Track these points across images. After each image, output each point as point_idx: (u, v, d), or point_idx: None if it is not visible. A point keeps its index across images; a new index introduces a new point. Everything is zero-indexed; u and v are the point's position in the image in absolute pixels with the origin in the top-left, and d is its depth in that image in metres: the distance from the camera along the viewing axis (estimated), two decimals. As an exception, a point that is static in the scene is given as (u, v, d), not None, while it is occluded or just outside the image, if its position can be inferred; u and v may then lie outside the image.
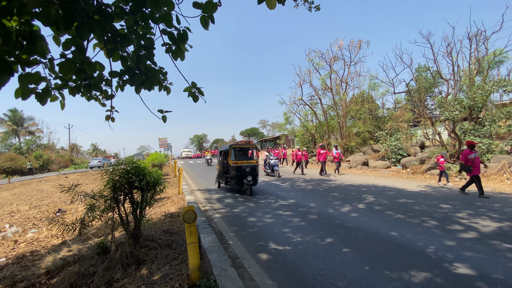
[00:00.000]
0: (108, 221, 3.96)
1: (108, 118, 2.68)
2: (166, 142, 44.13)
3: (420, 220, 5.18)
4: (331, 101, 23.49)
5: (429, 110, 21.53)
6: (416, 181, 10.62)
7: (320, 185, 10.27)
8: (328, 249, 3.93)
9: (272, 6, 2.28)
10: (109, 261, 3.68)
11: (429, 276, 3.02)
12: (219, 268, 2.77)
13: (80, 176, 21.41)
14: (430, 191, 8.29)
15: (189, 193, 8.74)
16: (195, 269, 2.85)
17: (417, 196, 7.55)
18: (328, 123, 23.75)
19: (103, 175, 4.06)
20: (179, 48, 2.52)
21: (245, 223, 5.48)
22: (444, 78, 15.59)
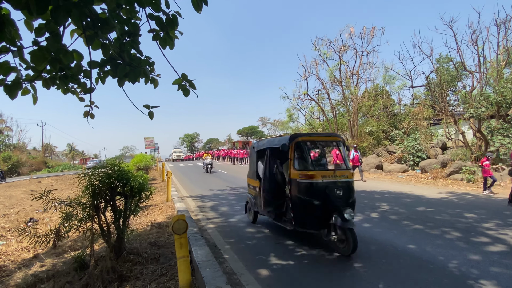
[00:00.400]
0: (87, 232, 3.94)
1: (87, 114, 2.67)
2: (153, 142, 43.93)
3: (442, 231, 5.18)
4: (341, 96, 23.56)
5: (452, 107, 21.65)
6: (436, 187, 10.65)
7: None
8: (337, 264, 3.93)
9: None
10: (87, 277, 3.66)
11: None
12: (213, 286, 2.77)
13: (54, 181, 21.37)
14: (453, 198, 8.31)
15: (179, 200, 8.73)
16: (186, 287, 2.84)
17: (438, 204, 7.56)
18: (337, 120, 23.80)
19: (81, 180, 4.05)
20: (168, 35, 2.51)
21: (242, 235, 5.48)
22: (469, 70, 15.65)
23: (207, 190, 11.85)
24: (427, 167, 13.79)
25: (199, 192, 11.50)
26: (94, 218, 3.98)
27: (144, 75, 2.52)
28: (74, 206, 3.91)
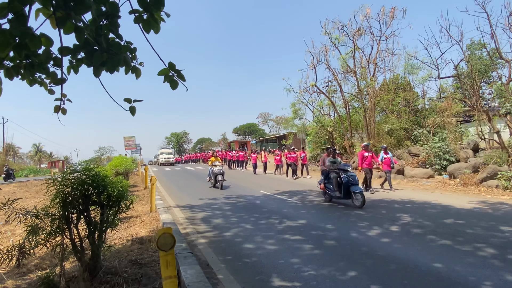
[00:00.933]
0: (56, 248, 3.94)
1: (58, 109, 2.68)
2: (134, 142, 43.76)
3: (473, 248, 5.20)
4: (355, 88, 23.56)
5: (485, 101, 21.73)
6: (467, 196, 10.67)
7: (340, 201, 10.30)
8: (352, 285, 3.93)
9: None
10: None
11: (485, 322, 3.04)
12: (205, 311, 2.78)
13: (18, 188, 21.34)
14: (487, 209, 8.33)
15: (165, 211, 8.74)
16: (173, 313, 2.85)
17: (469, 216, 7.59)
18: (350, 117, 23.83)
19: (49, 186, 4.05)
20: (153, 17, 2.52)
21: (239, 251, 5.49)
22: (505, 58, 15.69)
23: (198, 198, 11.86)
24: (456, 172, 13.83)
25: (188, 201, 11.51)
26: (65, 231, 3.98)
27: (125, 64, 2.53)
28: (42, 218, 3.91)
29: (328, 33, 23.34)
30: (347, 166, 9.98)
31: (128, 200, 4.64)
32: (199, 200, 11.59)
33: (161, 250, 2.89)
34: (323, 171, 10.47)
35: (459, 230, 6.28)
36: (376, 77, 23.07)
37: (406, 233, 6.22)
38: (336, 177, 9.63)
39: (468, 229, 6.33)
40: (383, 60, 23.40)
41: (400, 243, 5.58)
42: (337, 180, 9.62)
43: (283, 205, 9.98)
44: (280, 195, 11.97)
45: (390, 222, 7.13)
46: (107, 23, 2.48)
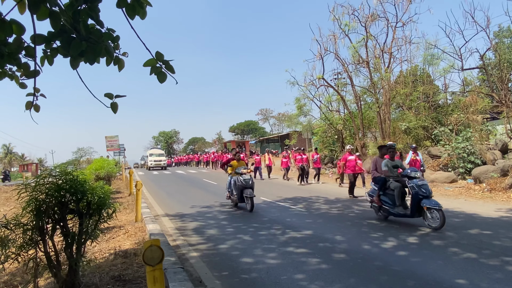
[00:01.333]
0: (29, 263, 3.94)
1: (30, 106, 2.68)
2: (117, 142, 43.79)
3: (502, 262, 5.20)
4: (368, 81, 23.61)
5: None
6: (495, 202, 10.69)
7: (350, 208, 10.32)
8: (363, 305, 3.94)
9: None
10: (29, 323, 3.67)
11: None
12: (197, 334, 2.78)
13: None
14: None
15: (152, 220, 8.75)
16: (162, 336, 2.85)
17: (496, 225, 7.61)
18: (362, 114, 23.83)
19: (21, 193, 4.05)
20: (138, 0, 2.53)
21: (237, 266, 5.49)
22: (537, 47, 15.72)
23: (189, 206, 11.86)
24: (483, 176, 13.85)
25: (179, 209, 11.50)
26: (38, 243, 3.99)
27: (106, 54, 2.54)
28: (12, 228, 3.91)
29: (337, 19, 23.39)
30: (414, 172, 8.12)
31: (111, 208, 4.64)
32: (190, 208, 11.58)
33: (148, 265, 2.89)
34: (376, 179, 8.92)
35: (485, 242, 6.28)
36: (392, 69, 23.12)
37: (426, 246, 6.22)
38: (399, 187, 8.00)
39: (496, 241, 6.33)
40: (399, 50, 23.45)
41: (419, 257, 5.58)
42: (401, 191, 8.03)
43: (286, 213, 9.97)
44: (282, 202, 11.97)
45: (408, 233, 7.13)
46: (85, 8, 2.48)
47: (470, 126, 18.11)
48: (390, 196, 8.25)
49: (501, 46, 17.70)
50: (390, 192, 8.22)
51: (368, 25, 22.60)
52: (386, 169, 8.38)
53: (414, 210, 7.54)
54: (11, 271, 5.72)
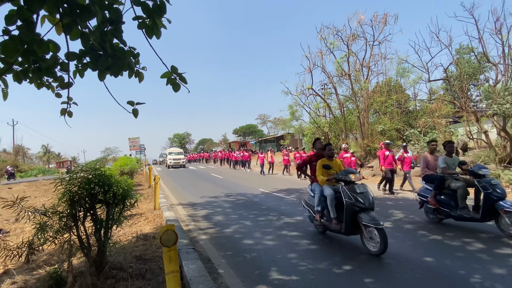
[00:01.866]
0: (64, 245, 3.93)
1: (64, 112, 2.68)
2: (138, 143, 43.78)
3: (462, 242, 5.21)
4: (349, 90, 23.59)
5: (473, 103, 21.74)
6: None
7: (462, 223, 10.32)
8: (346, 279, 3.94)
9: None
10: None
11: (474, 313, 3.04)
12: (206, 304, 2.78)
13: (27, 187, 21.31)
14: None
15: (168, 208, 8.74)
16: (176, 306, 2.84)
17: (458, 212, 7.58)
18: (345, 118, 23.85)
19: (57, 186, 4.04)
20: (155, 22, 2.52)
21: (239, 247, 5.49)
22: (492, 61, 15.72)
23: (199, 197, 11.85)
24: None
25: (191, 199, 11.50)
26: (72, 228, 3.98)
27: (128, 68, 2.53)
28: (50, 216, 3.90)
29: (324, 38, 23.38)
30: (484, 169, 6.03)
31: (133, 198, 4.63)
32: (200, 198, 11.58)
33: (164, 246, 2.89)
34: (430, 177, 7.02)
35: (449, 226, 6.29)
36: (370, 80, 23.11)
37: (399, 229, 6.23)
38: (464, 187, 6.12)
39: (457, 225, 6.33)
40: (376, 64, 23.46)
41: (393, 239, 5.56)
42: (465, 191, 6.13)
43: (281, 202, 9.97)
44: (278, 193, 11.97)
45: (383, 219, 7.10)
46: (111, 29, 2.48)
47: (436, 129, 18.11)
48: (449, 196, 6.41)
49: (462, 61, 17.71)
50: (449, 192, 6.46)
51: (349, 44, 22.60)
52: (446, 166, 6.66)
53: (486, 214, 5.64)
54: (49, 251, 5.71)
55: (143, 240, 5.89)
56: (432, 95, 22.57)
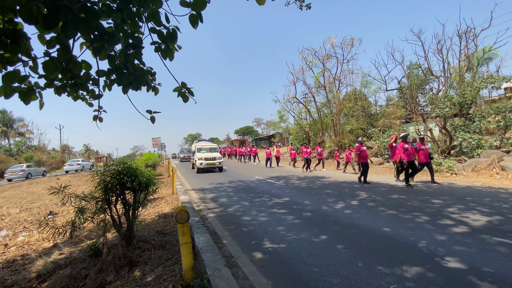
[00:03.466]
0: (100, 223, 3.89)
1: (96, 118, 2.63)
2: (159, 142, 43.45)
3: (412, 216, 5.23)
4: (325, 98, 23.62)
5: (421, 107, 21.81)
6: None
7: (314, 183, 10.32)
8: (322, 246, 3.94)
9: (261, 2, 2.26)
10: (101, 263, 3.62)
11: (421, 271, 3.05)
12: (212, 268, 2.76)
13: (72, 178, 21.09)
14: (422, 187, 8.39)
15: (183, 193, 8.68)
16: (189, 270, 2.82)
17: (409, 192, 7.64)
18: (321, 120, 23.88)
19: (94, 177, 3.99)
20: (168, 47, 2.48)
21: (239, 222, 5.47)
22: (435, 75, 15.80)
23: (208, 184, 11.81)
24: (400, 160, 13.88)
25: (201, 185, 11.44)
26: (106, 210, 3.94)
27: (146, 84, 2.49)
28: (88, 200, 3.86)
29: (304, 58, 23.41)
30: None
31: (155, 186, 4.59)
32: (209, 184, 11.53)
33: (179, 223, 2.86)
34: None
35: (402, 203, 6.32)
36: (340, 90, 23.16)
37: (363, 206, 6.24)
38: None
39: (408, 202, 6.37)
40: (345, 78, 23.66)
41: (359, 214, 5.60)
42: None
43: (272, 187, 9.96)
44: (270, 180, 11.95)
45: (351, 198, 7.15)
46: (133, 52, 2.43)
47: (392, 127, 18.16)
48: None
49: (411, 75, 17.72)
50: None
51: (325, 62, 22.59)
52: None
53: None
54: (89, 229, 5.67)
55: (163, 218, 5.85)
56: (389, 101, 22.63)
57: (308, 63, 23.34)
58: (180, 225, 2.86)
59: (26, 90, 2.05)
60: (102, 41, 2.21)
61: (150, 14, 2.36)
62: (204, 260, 2.96)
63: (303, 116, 27.34)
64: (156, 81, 2.62)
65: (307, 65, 23.52)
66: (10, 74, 1.93)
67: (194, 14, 2.27)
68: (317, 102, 24.16)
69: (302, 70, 24.17)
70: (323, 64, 22.59)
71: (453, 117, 14.15)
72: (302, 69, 24.16)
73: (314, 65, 23.39)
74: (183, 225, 2.86)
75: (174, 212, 6.40)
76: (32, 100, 2.13)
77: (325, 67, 22.69)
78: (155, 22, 2.40)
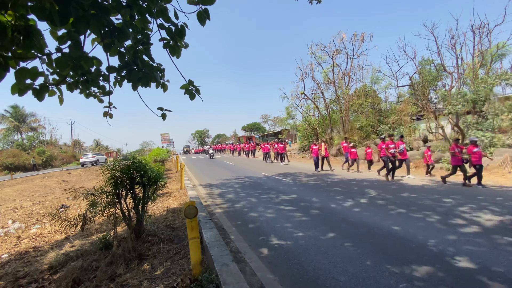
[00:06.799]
0: (110, 217, 3.98)
1: (106, 114, 2.66)
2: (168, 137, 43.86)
3: (423, 215, 5.15)
4: (334, 95, 23.32)
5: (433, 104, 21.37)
6: (419, 175, 10.55)
7: (323, 180, 10.26)
8: (330, 243, 3.92)
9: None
10: (111, 256, 3.71)
11: (431, 270, 3.01)
12: (220, 263, 2.78)
13: (83, 172, 21.56)
14: (433, 186, 8.24)
15: (191, 188, 8.77)
16: (197, 264, 2.86)
17: (420, 191, 7.51)
18: (330, 117, 23.62)
19: (104, 171, 4.07)
20: (177, 43, 2.49)
21: (246, 218, 5.50)
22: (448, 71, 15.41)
23: (215, 179, 11.88)
24: (411, 157, 13.63)
25: (208, 181, 11.53)
26: (116, 204, 4.01)
27: (155, 81, 2.51)
28: (99, 195, 3.94)
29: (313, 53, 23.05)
30: None
31: (164, 181, 4.65)
32: (216, 180, 11.61)
33: (187, 218, 2.89)
34: None
35: (412, 202, 6.22)
36: (350, 86, 22.83)
37: (372, 204, 6.17)
38: None
39: (419, 201, 6.27)
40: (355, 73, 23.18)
41: (368, 212, 5.55)
42: None
43: (279, 183, 9.95)
44: (277, 176, 11.93)
45: (360, 196, 7.08)
46: (142, 48, 2.45)
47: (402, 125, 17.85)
48: None
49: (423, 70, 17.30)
50: None
51: (334, 57, 22.27)
52: None
53: None
54: (99, 222, 5.79)
55: (172, 213, 5.93)
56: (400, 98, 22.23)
57: (317, 58, 23.04)
58: (189, 220, 2.89)
59: (39, 86, 2.09)
60: (112, 37, 2.22)
61: (159, 10, 2.37)
62: (212, 255, 3.00)
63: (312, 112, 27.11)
64: (164, 78, 2.64)
65: (316, 61, 23.22)
66: (23, 70, 1.96)
67: (202, 11, 2.27)
68: (326, 99, 23.89)
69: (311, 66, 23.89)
70: (333, 60, 22.29)
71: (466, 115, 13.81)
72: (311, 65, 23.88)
73: (323, 60, 23.08)
74: (191, 220, 2.89)
75: (182, 207, 6.48)
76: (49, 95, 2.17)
77: (335, 63, 22.39)
78: (164, 19, 2.40)
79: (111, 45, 2.22)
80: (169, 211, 6.10)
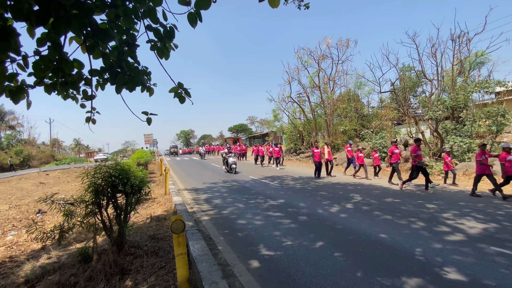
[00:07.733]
0: (90, 228, 3.70)
1: (89, 120, 2.44)
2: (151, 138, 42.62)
3: (408, 221, 5.19)
4: (319, 99, 23.58)
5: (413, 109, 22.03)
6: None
7: (308, 184, 10.25)
8: (320, 253, 3.84)
9: (275, 4, 2.11)
10: (91, 271, 3.43)
11: (421, 283, 2.98)
12: (209, 281, 2.61)
13: (61, 173, 20.53)
14: (415, 190, 8.41)
15: (176, 194, 8.47)
16: (184, 282, 2.68)
17: (403, 195, 7.63)
18: (315, 120, 23.83)
19: (83, 179, 3.78)
20: (165, 46, 2.32)
21: (234, 226, 5.33)
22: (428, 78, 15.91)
23: (202, 183, 11.59)
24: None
25: (194, 185, 11.23)
26: (96, 214, 3.74)
27: (141, 84, 2.32)
28: (77, 205, 3.66)
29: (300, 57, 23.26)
30: None
31: (148, 188, 4.41)
32: (202, 184, 11.33)
33: (174, 233, 2.70)
34: None
35: (397, 207, 6.28)
36: (334, 91, 23.18)
37: (358, 210, 6.17)
38: None
39: (403, 206, 6.34)
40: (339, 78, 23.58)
41: (354, 218, 5.53)
42: None
43: (267, 187, 9.83)
44: (264, 180, 11.82)
45: (346, 201, 7.09)
46: (127, 50, 2.26)
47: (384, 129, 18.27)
48: None
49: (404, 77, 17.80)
50: None
51: (320, 62, 22.54)
52: None
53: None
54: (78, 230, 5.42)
55: (156, 221, 5.65)
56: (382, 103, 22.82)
57: (303, 62, 23.24)
58: (176, 235, 2.70)
59: (15, 88, 1.86)
60: (96, 37, 2.03)
61: (146, 10, 2.19)
62: (200, 271, 2.82)
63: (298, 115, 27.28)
64: (151, 81, 2.45)
65: (302, 65, 23.43)
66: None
67: (193, 12, 2.11)
68: (311, 102, 24.10)
69: (297, 70, 24.06)
70: (318, 64, 22.55)
71: (445, 120, 14.29)
72: (297, 69, 24.04)
73: (309, 65, 23.32)
74: (178, 235, 2.70)
75: (167, 214, 6.21)
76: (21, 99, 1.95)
77: (320, 67, 22.66)
78: (152, 19, 2.23)
79: (94, 46, 2.02)
80: (153, 219, 5.81)
